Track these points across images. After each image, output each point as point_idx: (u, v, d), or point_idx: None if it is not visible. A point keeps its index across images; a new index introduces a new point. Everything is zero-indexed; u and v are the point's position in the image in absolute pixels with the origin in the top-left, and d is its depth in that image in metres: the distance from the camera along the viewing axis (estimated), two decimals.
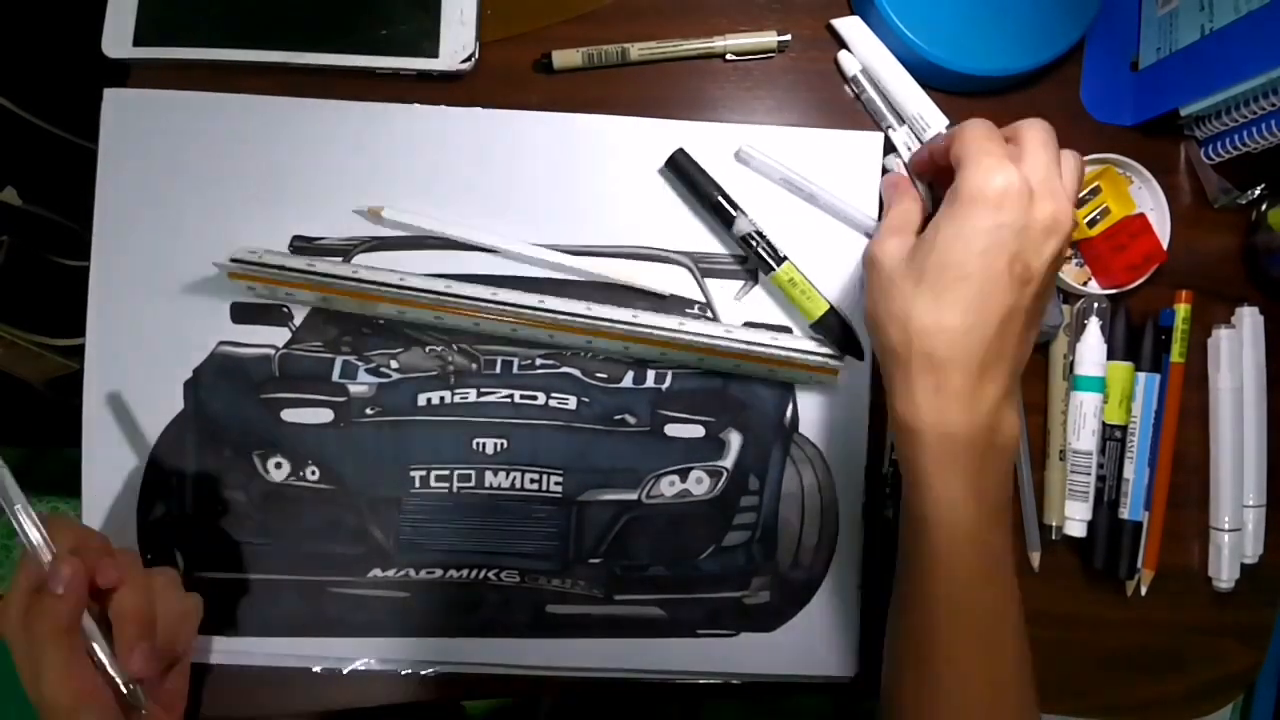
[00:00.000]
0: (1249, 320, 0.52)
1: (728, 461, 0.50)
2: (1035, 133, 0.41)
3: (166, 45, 0.48)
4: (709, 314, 0.50)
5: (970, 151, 0.40)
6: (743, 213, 0.49)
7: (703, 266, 0.50)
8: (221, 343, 0.49)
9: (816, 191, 0.50)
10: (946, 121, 0.50)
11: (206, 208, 0.49)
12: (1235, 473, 0.52)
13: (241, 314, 0.49)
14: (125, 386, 0.49)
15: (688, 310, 0.50)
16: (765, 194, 0.50)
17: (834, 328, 0.49)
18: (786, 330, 0.50)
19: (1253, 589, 0.52)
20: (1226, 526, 0.51)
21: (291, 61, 0.49)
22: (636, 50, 0.50)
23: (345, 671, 0.49)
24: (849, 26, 0.51)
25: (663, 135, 0.50)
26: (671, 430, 0.49)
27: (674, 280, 0.50)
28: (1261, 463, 0.52)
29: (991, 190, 0.38)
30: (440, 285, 0.47)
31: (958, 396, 0.39)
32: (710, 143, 0.50)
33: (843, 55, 0.51)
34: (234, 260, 0.47)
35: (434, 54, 0.49)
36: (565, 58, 0.50)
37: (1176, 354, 0.52)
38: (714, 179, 0.49)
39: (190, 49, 0.48)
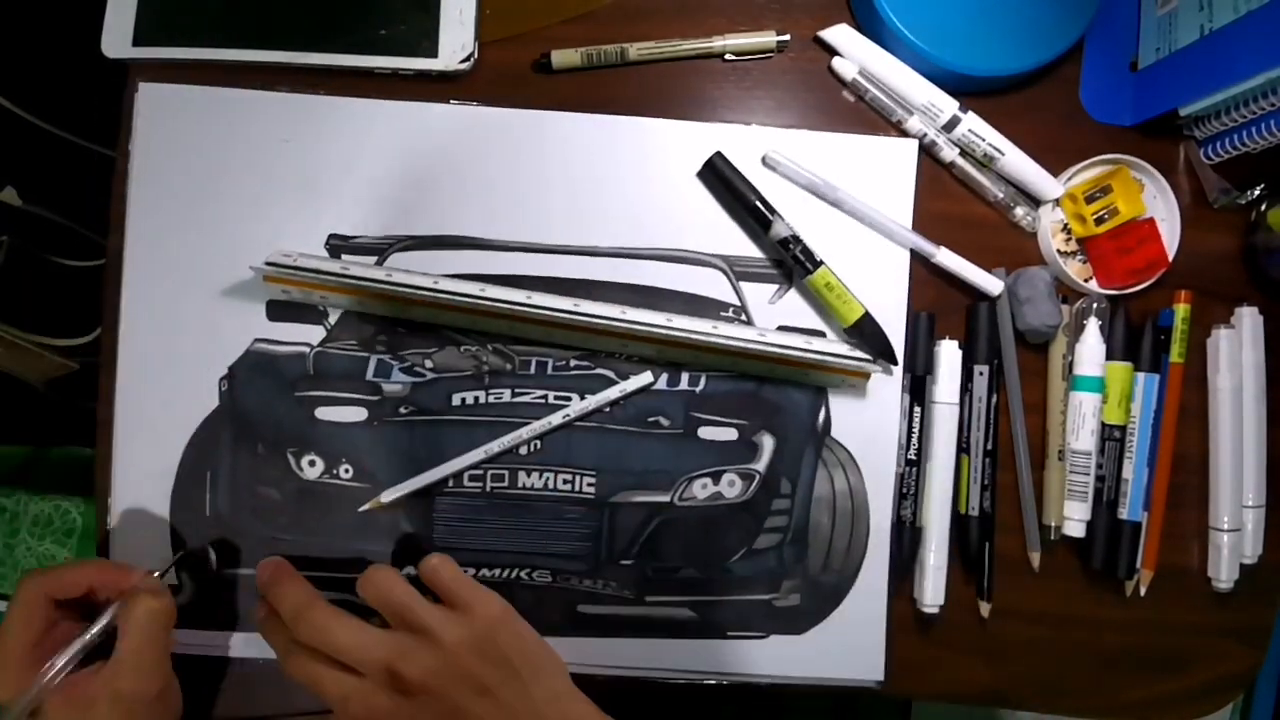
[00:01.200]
0: (1248, 320, 0.52)
1: (760, 465, 0.50)
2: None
3: (165, 45, 0.48)
4: (743, 317, 0.50)
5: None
6: (780, 216, 0.49)
7: (737, 269, 0.50)
8: (257, 340, 0.49)
9: (843, 198, 0.50)
10: (957, 105, 0.50)
11: (242, 204, 0.49)
12: (1234, 473, 0.52)
13: (277, 311, 0.49)
14: (159, 383, 0.49)
15: (722, 313, 0.50)
16: (797, 198, 0.50)
17: (869, 332, 0.49)
18: (820, 334, 0.50)
19: (1252, 589, 0.52)
20: (1226, 527, 0.51)
21: (290, 62, 0.49)
22: (635, 50, 0.50)
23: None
24: (837, 34, 0.51)
25: (694, 137, 0.50)
26: (705, 433, 0.50)
27: (708, 283, 0.50)
28: (1261, 463, 0.52)
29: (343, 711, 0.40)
30: (474, 289, 0.47)
31: None
32: (740, 145, 0.50)
33: (837, 62, 0.51)
34: (269, 264, 0.47)
35: (433, 54, 0.49)
36: (564, 58, 0.50)
37: (1176, 354, 0.52)
38: (751, 183, 0.49)
39: (189, 49, 0.48)
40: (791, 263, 0.49)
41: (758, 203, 0.49)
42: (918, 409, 0.50)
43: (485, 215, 0.50)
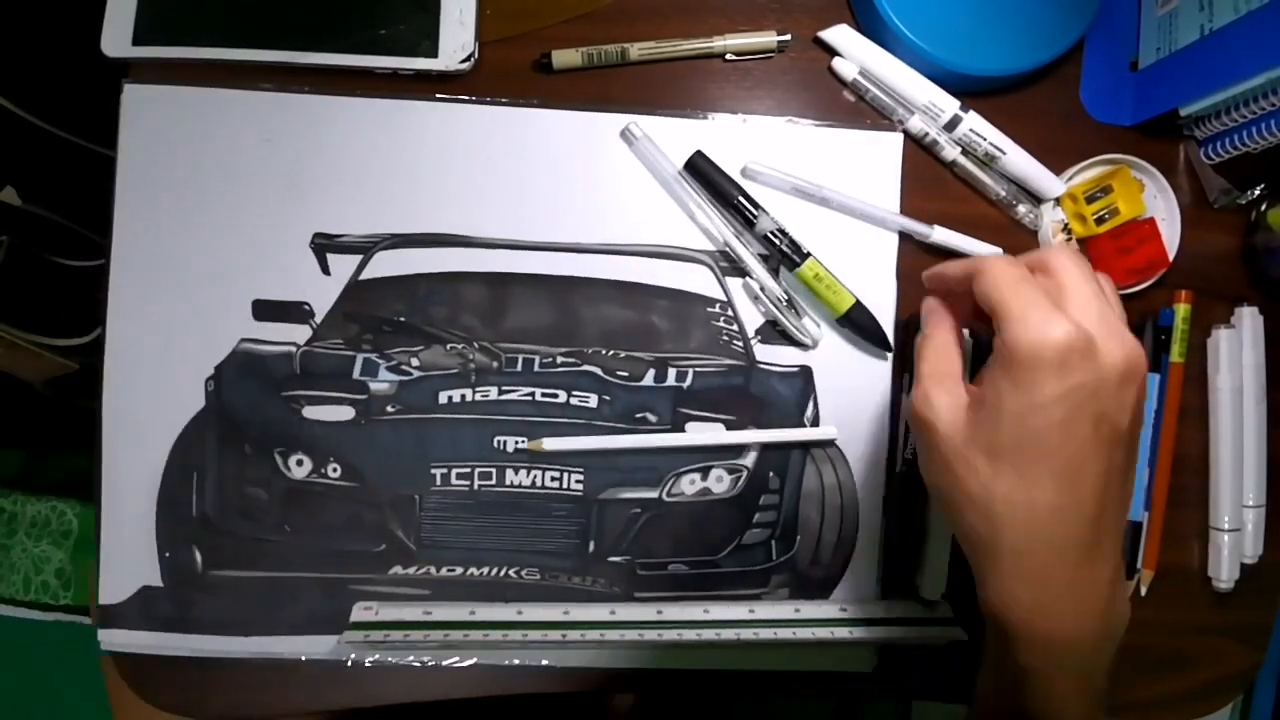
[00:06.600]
0: (1248, 320, 0.52)
1: (748, 460, 0.50)
2: (1070, 265, 0.35)
3: (166, 45, 0.48)
4: (729, 312, 0.50)
5: (1008, 301, 0.34)
6: (764, 211, 0.49)
7: (724, 265, 0.50)
8: (243, 340, 0.49)
9: (829, 195, 0.50)
10: (958, 104, 0.50)
11: (228, 203, 0.49)
12: (1235, 473, 0.52)
13: (263, 311, 0.49)
14: (145, 384, 0.48)
15: (708, 309, 0.50)
16: (783, 187, 0.50)
17: (861, 321, 0.49)
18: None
19: (1253, 589, 0.52)
20: (1226, 526, 0.51)
21: (290, 61, 0.48)
22: (636, 50, 0.50)
23: (367, 664, 0.49)
24: (837, 35, 0.51)
25: (683, 132, 0.50)
26: (692, 428, 0.49)
27: (696, 279, 0.50)
28: (1261, 463, 0.52)
29: (1050, 351, 0.33)
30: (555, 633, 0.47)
31: (1063, 589, 0.35)
32: (726, 138, 0.50)
33: (837, 62, 0.51)
34: (352, 626, 0.47)
35: (433, 54, 0.49)
36: (565, 58, 0.50)
37: (1176, 354, 0.52)
38: (734, 179, 0.49)
39: (189, 49, 0.48)
40: (778, 256, 0.49)
41: (741, 199, 0.49)
42: None
43: (471, 212, 0.49)
